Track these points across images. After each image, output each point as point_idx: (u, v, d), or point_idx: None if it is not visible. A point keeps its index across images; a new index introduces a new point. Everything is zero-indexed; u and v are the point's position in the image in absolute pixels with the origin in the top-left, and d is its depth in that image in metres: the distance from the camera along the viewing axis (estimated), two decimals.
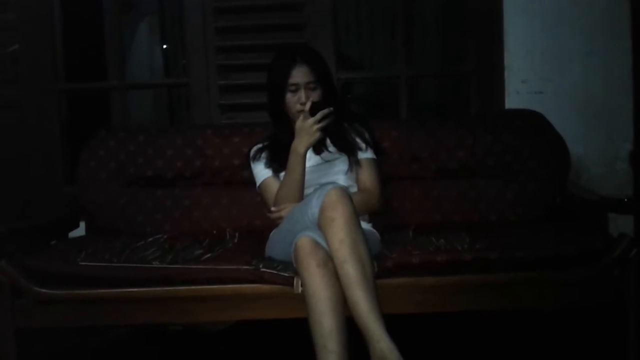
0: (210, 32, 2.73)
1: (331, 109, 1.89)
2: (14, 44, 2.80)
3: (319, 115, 1.88)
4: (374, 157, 2.12)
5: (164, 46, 4.47)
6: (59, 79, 2.84)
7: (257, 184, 2.13)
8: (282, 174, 2.06)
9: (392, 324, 1.59)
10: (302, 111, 1.99)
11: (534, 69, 2.62)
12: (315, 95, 2.03)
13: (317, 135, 1.89)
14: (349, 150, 2.08)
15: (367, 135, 2.12)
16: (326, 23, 2.73)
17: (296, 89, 2.03)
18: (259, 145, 2.18)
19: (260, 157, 2.14)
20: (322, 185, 1.78)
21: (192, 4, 2.73)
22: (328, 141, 2.12)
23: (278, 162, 2.09)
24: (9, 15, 2.79)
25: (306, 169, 1.96)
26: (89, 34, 3.53)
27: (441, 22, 3.65)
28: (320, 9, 2.71)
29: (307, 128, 1.89)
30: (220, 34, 2.74)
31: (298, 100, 2.02)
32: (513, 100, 2.63)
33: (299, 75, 2.02)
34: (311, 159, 2.06)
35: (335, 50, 2.74)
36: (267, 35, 2.74)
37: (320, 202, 1.68)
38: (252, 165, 2.15)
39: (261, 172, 2.12)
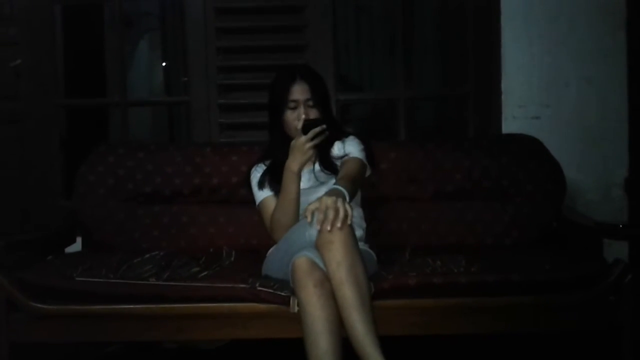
0: (211, 52, 2.76)
1: (324, 126, 1.91)
2: (16, 59, 2.82)
3: (310, 134, 1.89)
4: (362, 158, 2.08)
5: (164, 63, 4.50)
6: (60, 94, 2.85)
7: (257, 202, 2.13)
8: None
9: (389, 345, 1.59)
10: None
11: (531, 95, 2.65)
12: (313, 113, 2.05)
13: (310, 153, 1.91)
14: (336, 172, 2.07)
15: (359, 147, 2.13)
16: (326, 44, 2.76)
17: (295, 105, 2.05)
18: (260, 165, 2.18)
19: (260, 177, 2.14)
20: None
21: (194, 23, 2.77)
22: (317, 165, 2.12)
23: (278, 182, 2.09)
24: (12, 30, 2.82)
25: (302, 191, 1.97)
26: (90, 50, 3.56)
27: (440, 45, 3.69)
28: (321, 30, 2.75)
29: (299, 146, 1.90)
30: (222, 54, 2.77)
31: (297, 117, 2.04)
32: (510, 124, 2.66)
33: (299, 92, 2.05)
34: (310, 180, 2.07)
35: (335, 72, 2.77)
36: (267, 56, 2.78)
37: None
38: (252, 185, 2.16)
39: (261, 191, 2.12)
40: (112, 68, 3.39)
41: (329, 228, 1.64)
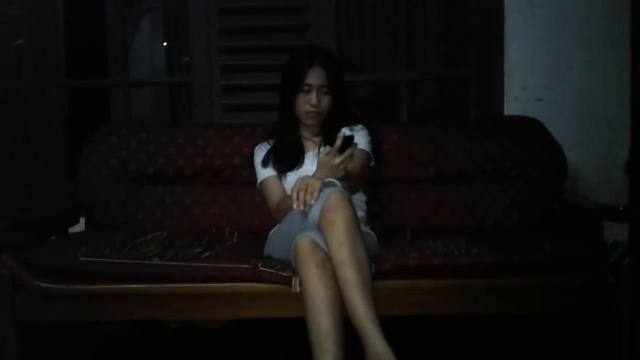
0: (213, 33, 2.75)
1: (355, 145, 1.85)
2: (18, 39, 2.81)
3: (348, 152, 1.80)
4: (368, 151, 2.08)
5: (165, 43, 4.49)
6: (62, 74, 2.85)
7: (259, 181, 2.14)
8: (286, 175, 2.09)
9: (389, 325, 1.61)
10: (309, 112, 2.03)
11: (533, 77, 2.65)
12: (325, 100, 2.05)
13: (341, 174, 1.82)
14: None
15: (367, 138, 2.13)
16: (329, 25, 2.75)
17: (309, 90, 2.04)
18: (264, 144, 2.19)
19: (264, 155, 2.15)
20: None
21: (197, 5, 2.75)
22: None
23: (281, 162, 2.10)
24: (14, 10, 2.81)
25: (308, 173, 1.97)
26: (91, 30, 3.55)
27: (443, 27, 3.67)
28: (323, 11, 2.74)
29: (332, 165, 1.81)
30: (224, 35, 2.76)
31: (308, 101, 2.04)
32: (512, 106, 2.66)
33: (314, 77, 2.03)
34: (314, 164, 2.06)
35: (338, 53, 2.76)
36: (270, 36, 2.77)
37: (320, 205, 1.70)
38: (255, 163, 2.17)
39: (264, 170, 2.13)
40: (114, 48, 3.38)
41: (302, 207, 1.71)
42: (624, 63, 2.63)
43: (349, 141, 1.84)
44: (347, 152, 1.82)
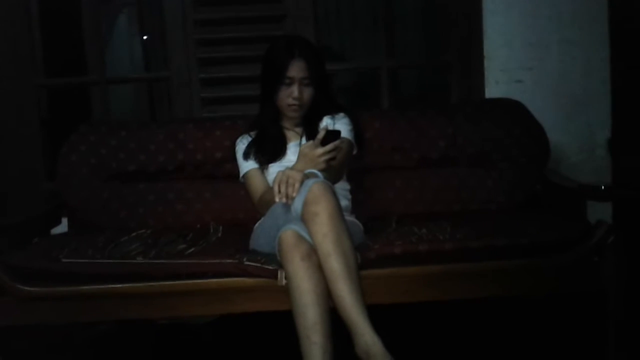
0: (189, 25, 2.71)
1: (341, 140, 1.84)
2: None
3: (330, 146, 1.79)
4: (350, 139, 2.07)
5: (144, 37, 4.44)
6: (38, 73, 2.81)
7: (241, 174, 2.13)
8: (268, 166, 2.07)
9: (376, 314, 1.61)
10: (291, 105, 2.01)
11: (513, 58, 2.64)
12: (307, 92, 2.04)
13: (322, 166, 1.81)
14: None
15: (349, 126, 2.12)
16: (307, 14, 2.72)
17: (290, 82, 2.02)
18: (245, 136, 2.18)
19: (245, 148, 2.14)
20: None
21: None
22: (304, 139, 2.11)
23: (263, 154, 2.09)
24: None
25: (290, 164, 1.96)
26: (67, 27, 3.50)
27: (422, 13, 3.67)
28: (300, 0, 2.71)
29: (313, 156, 1.80)
30: (200, 27, 2.73)
31: (290, 94, 2.03)
32: (493, 89, 2.65)
33: (295, 69, 2.01)
34: (295, 153, 2.04)
35: (316, 42, 2.73)
36: (247, 27, 2.73)
37: (303, 197, 1.69)
38: (237, 156, 2.15)
39: (246, 162, 2.12)
40: (90, 45, 3.33)
41: (284, 200, 1.68)
42: (603, 42, 2.63)
43: (334, 135, 1.82)
44: (330, 146, 1.80)
